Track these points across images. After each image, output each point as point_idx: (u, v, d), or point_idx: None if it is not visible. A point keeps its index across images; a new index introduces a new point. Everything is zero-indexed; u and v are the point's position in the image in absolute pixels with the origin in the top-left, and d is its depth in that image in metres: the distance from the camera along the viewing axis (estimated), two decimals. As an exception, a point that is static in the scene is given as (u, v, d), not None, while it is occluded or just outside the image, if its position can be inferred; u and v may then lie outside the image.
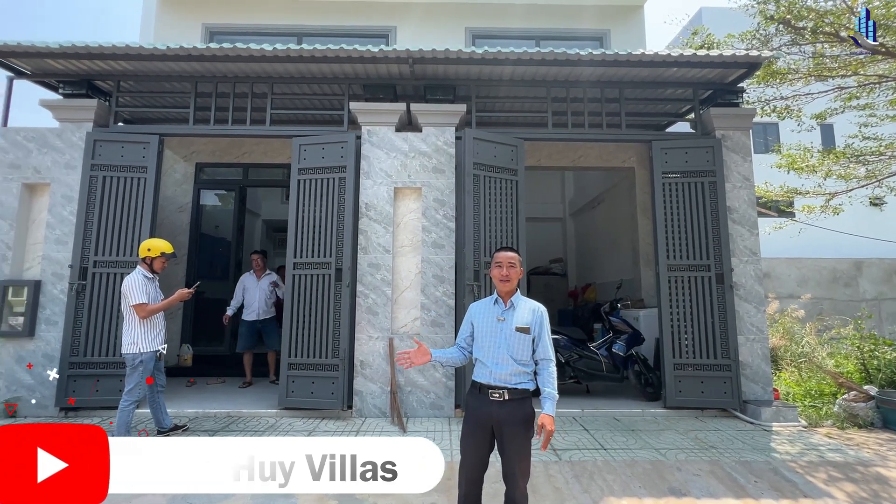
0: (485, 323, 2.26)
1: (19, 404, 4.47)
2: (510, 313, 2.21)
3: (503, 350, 2.16)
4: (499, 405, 2.11)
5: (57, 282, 4.62)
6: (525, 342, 2.15)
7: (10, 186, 4.69)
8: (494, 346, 2.18)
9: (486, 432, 2.15)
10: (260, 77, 5.03)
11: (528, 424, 2.12)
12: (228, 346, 6.61)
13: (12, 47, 4.42)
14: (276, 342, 5.59)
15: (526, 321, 2.17)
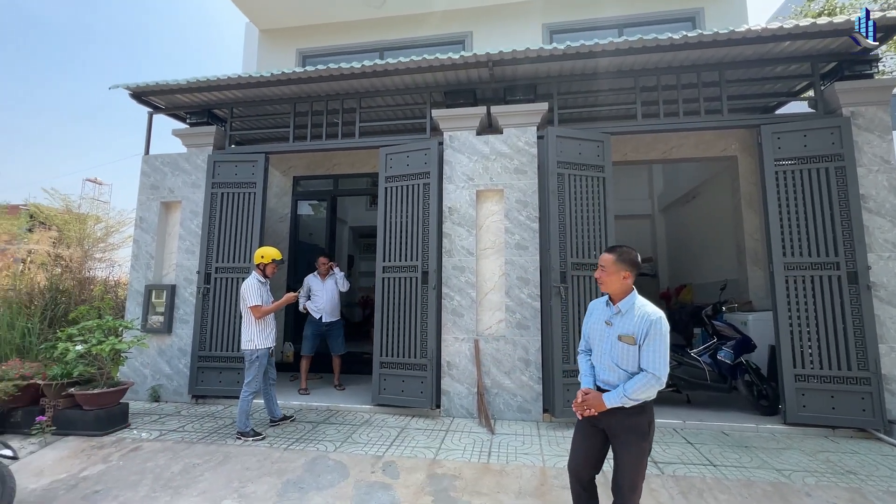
0: (595, 324, 2.19)
1: (161, 390, 5.23)
2: (618, 319, 2.08)
3: (607, 357, 2.08)
4: (608, 411, 2.04)
5: (187, 286, 5.33)
6: (630, 353, 2.01)
7: (152, 205, 5.52)
8: (601, 352, 2.12)
9: (598, 434, 2.11)
10: (349, 93, 5.38)
11: (640, 436, 1.99)
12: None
13: (151, 87, 5.21)
14: (340, 346, 5.81)
15: (631, 330, 2.01)
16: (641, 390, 1.94)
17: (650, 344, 1.96)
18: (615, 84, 5.09)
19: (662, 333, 1.96)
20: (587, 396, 2.09)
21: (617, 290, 2.11)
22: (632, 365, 2.01)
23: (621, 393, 1.96)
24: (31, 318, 5.81)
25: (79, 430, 4.05)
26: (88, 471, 3.50)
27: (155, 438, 4.00)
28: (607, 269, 2.11)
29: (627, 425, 2.00)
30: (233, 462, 3.55)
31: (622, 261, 2.09)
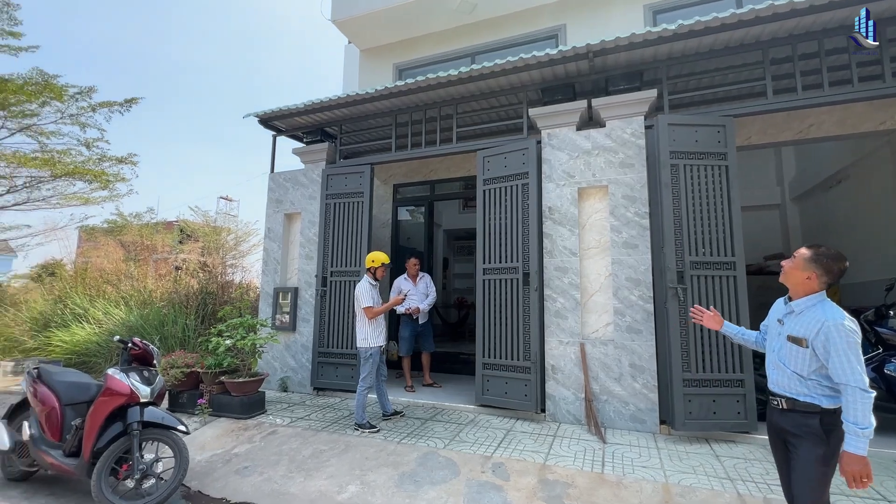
0: (771, 320, 2.11)
1: (288, 382, 5.86)
2: (791, 318, 1.97)
3: (775, 355, 2.00)
4: (779, 413, 1.98)
5: (308, 288, 5.92)
6: (800, 355, 1.87)
7: (277, 217, 6.24)
8: (770, 349, 2.05)
9: (780, 442, 2.02)
10: (445, 101, 5.53)
11: (813, 444, 1.84)
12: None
13: (275, 112, 5.89)
14: (431, 344, 5.99)
15: (802, 333, 1.88)
16: (860, 410, 1.72)
17: (833, 354, 1.78)
18: (736, 60, 4.55)
19: (846, 339, 1.77)
20: (854, 469, 1.72)
21: (795, 287, 1.98)
22: (802, 368, 1.89)
23: (852, 431, 1.72)
24: (188, 316, 6.92)
25: (228, 412, 4.71)
26: (238, 449, 4.05)
27: (287, 424, 4.49)
28: (795, 263, 1.99)
29: (800, 431, 1.88)
30: (353, 451, 3.85)
31: (814, 261, 1.93)
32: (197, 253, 11.80)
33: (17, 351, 7.56)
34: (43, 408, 3.33)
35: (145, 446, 3.26)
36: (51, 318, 7.67)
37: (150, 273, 9.38)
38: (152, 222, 15.88)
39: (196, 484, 3.47)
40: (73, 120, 10.93)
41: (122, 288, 8.39)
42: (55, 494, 3.28)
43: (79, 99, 10.72)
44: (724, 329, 2.36)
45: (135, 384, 3.19)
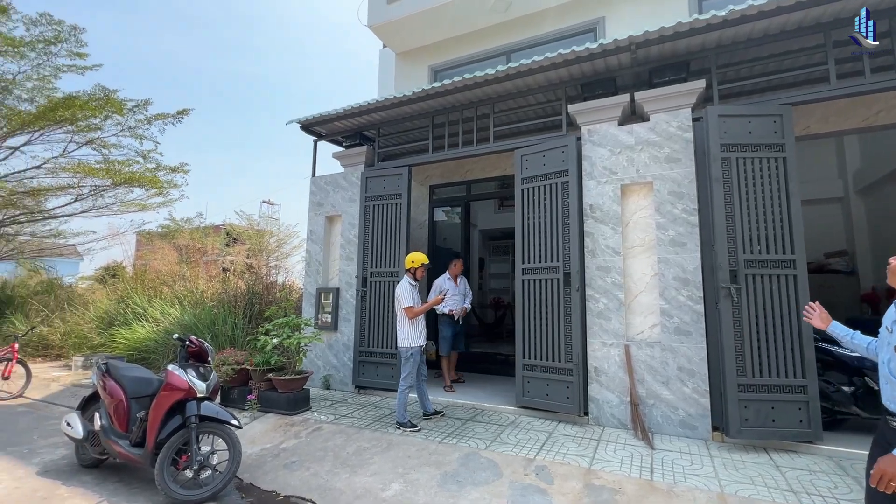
0: (883, 327, 1.85)
1: (330, 380, 6.02)
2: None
3: (885, 367, 1.74)
4: (893, 434, 1.69)
5: (348, 289, 6.06)
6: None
7: (318, 219, 6.43)
8: (880, 361, 1.79)
9: None
10: (482, 100, 5.51)
11: None
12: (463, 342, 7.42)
13: (316, 118, 6.07)
14: (463, 344, 6.16)
15: None
16: None
17: None
18: (793, 45, 4.27)
19: None
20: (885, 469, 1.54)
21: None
22: None
23: None
24: (237, 315, 7.25)
25: (276, 408, 4.89)
26: (285, 444, 4.20)
27: (331, 422, 4.61)
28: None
29: None
30: (395, 449, 3.90)
31: None
32: (243, 255, 12.35)
33: (86, 347, 8.18)
34: (111, 400, 3.58)
35: (202, 439, 3.43)
36: (115, 317, 8.25)
37: (202, 274, 9.89)
38: (202, 226, 16.78)
39: (248, 476, 3.62)
40: (132, 132, 11.70)
41: (177, 288, 8.89)
42: (123, 481, 3.51)
43: (136, 112, 11.46)
44: (830, 329, 2.18)
45: (192, 380, 3.37)
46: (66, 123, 10.66)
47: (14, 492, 3.27)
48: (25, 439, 4.47)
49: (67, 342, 8.69)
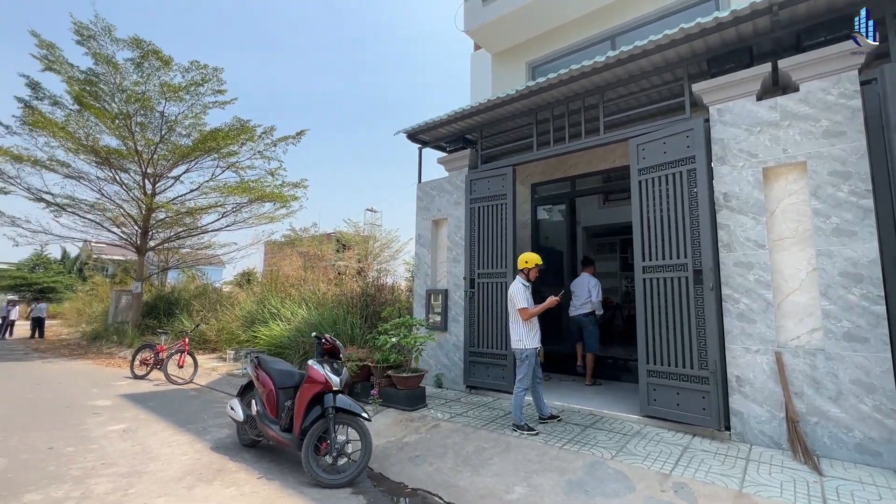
0: None
1: (443, 378, 6.20)
2: None
3: None
4: None
5: (456, 290, 6.19)
6: None
7: (426, 223, 6.68)
8: None
9: None
10: (589, 91, 5.24)
11: None
12: (565, 344, 7.14)
13: (420, 127, 6.31)
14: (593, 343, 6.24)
15: None
16: None
17: None
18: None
19: None
20: None
21: None
22: None
23: None
24: (354, 315, 7.85)
25: (395, 404, 5.17)
26: (407, 438, 4.41)
27: (448, 420, 4.74)
28: None
29: None
30: (515, 452, 3.86)
31: None
32: (354, 260, 13.40)
33: (235, 342, 9.53)
34: (263, 389, 4.09)
35: (338, 429, 3.76)
36: (255, 316, 9.48)
37: (322, 278, 10.92)
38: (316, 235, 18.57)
39: (377, 467, 3.87)
40: (261, 155, 13.40)
41: (302, 291, 9.93)
42: (275, 461, 3.99)
43: (264, 137, 13.10)
44: None
45: (328, 374, 3.71)
46: (213, 152, 12.58)
47: (196, 463, 3.91)
48: (199, 418, 5.33)
49: (221, 337, 10.21)
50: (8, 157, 11.11)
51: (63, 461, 3.85)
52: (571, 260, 7.59)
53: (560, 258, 7.94)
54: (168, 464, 3.85)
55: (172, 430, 4.82)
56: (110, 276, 25.79)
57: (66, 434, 4.59)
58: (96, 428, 4.84)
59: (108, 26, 11.17)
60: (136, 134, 11.90)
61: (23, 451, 4.06)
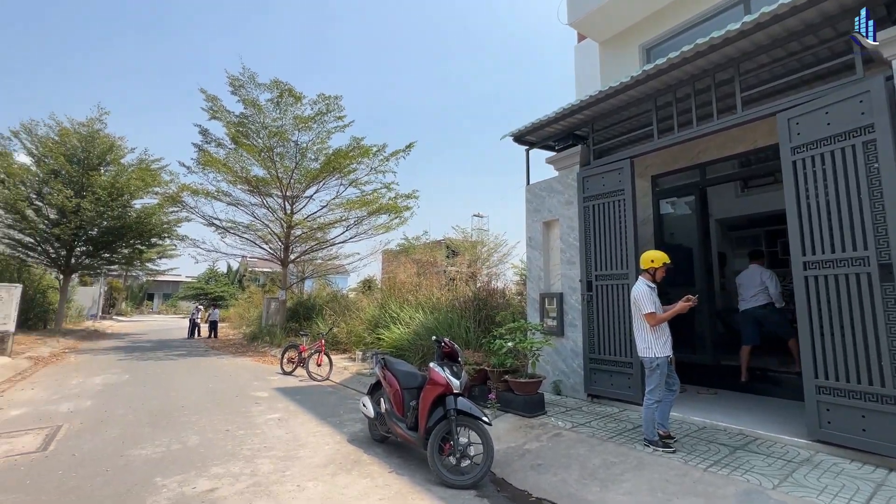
0: None
1: (561, 385, 5.97)
2: None
3: None
4: None
5: (572, 293, 5.93)
6: None
7: (536, 226, 6.54)
8: None
9: None
10: (719, 65, 4.62)
11: None
12: (711, 355, 6.32)
13: (527, 128, 6.21)
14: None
15: None
16: None
17: None
18: None
19: None
20: None
21: None
22: None
23: None
24: (468, 319, 8.01)
25: (513, 409, 5.13)
26: (528, 445, 4.33)
27: (570, 429, 4.54)
28: None
29: None
30: (649, 470, 3.53)
31: None
32: (464, 265, 13.73)
33: (362, 344, 10.43)
34: (390, 389, 4.38)
35: (459, 431, 3.85)
36: (378, 320, 10.26)
37: (434, 283, 11.39)
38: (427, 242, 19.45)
39: (499, 472, 3.86)
40: (376, 170, 14.53)
41: (418, 296, 10.47)
42: (403, 458, 4.24)
43: (378, 154, 14.19)
44: None
45: (449, 377, 3.83)
46: (336, 172, 14.00)
47: (336, 453, 4.34)
48: (336, 413, 5.92)
49: (350, 339, 11.26)
50: (189, 191, 13.81)
51: (236, 442, 4.59)
52: (704, 257, 6.73)
53: (689, 255, 7.10)
54: (314, 451, 4.35)
55: (316, 422, 5.43)
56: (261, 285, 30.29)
57: (237, 419, 5.48)
58: (258, 416, 5.68)
59: (252, 74, 13.22)
60: (276, 163, 13.83)
61: (209, 431, 4.95)
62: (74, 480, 3.56)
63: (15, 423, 5.20)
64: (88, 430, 4.92)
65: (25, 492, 3.35)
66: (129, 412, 5.75)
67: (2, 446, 4.37)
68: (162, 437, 4.68)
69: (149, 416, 5.58)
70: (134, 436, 4.74)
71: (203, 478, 3.64)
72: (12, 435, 4.73)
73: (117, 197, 16.11)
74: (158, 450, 4.30)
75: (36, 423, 5.16)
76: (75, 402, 6.29)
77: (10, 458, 4.07)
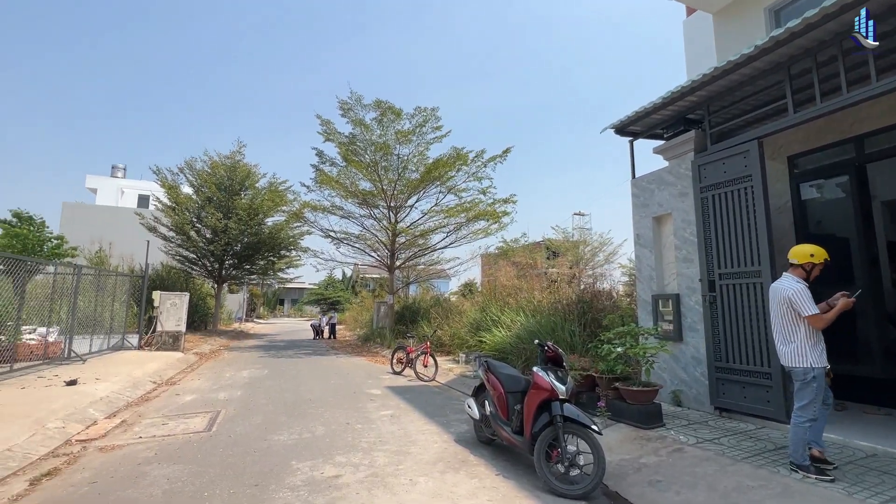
0: None
1: (681, 396, 5.42)
2: None
3: None
4: None
5: (691, 294, 5.36)
6: None
7: (645, 222, 6.05)
8: None
9: None
10: (877, 16, 3.82)
11: None
12: (880, 366, 5.20)
13: (630, 118, 5.80)
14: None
15: None
16: None
17: None
18: None
19: None
20: None
21: None
22: None
23: None
24: (571, 322, 7.71)
25: (625, 419, 4.80)
26: (645, 459, 4.01)
27: (694, 444, 4.10)
28: None
29: None
30: (797, 499, 3.03)
31: None
32: (566, 266, 13.24)
33: (465, 346, 10.66)
34: (494, 392, 4.41)
35: (567, 439, 3.72)
36: (479, 323, 10.39)
37: (535, 286, 11.17)
38: (526, 244, 19.14)
39: (612, 484, 3.64)
40: (474, 176, 14.78)
41: (519, 299, 10.36)
42: (509, 461, 4.23)
43: (476, 160, 14.42)
44: None
45: (554, 382, 3.73)
46: (435, 181, 14.56)
47: (444, 451, 4.50)
48: (442, 413, 6.13)
49: (453, 342, 11.57)
50: (309, 207, 15.54)
51: (355, 434, 5.02)
52: (866, 247, 5.58)
53: (844, 247, 5.92)
54: (424, 449, 4.56)
55: (424, 421, 5.68)
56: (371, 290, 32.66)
57: (355, 414, 5.98)
58: (373, 412, 6.14)
59: (359, 97, 14.41)
60: (381, 176, 14.86)
61: (332, 423, 5.49)
62: (231, 458, 4.22)
63: (188, 406, 6.34)
64: (240, 416, 5.79)
65: (198, 463, 4.07)
66: (269, 403, 6.63)
67: (180, 425, 5.36)
68: (295, 426, 5.32)
69: (284, 406, 6.38)
70: (273, 423, 5.46)
71: (329, 465, 4.05)
72: (187, 416, 5.77)
73: (254, 216, 18.74)
74: (293, 437, 4.89)
75: (202, 408, 6.22)
76: (229, 391, 7.45)
77: (186, 434, 4.98)
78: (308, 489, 3.51)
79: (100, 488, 3.53)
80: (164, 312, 11.93)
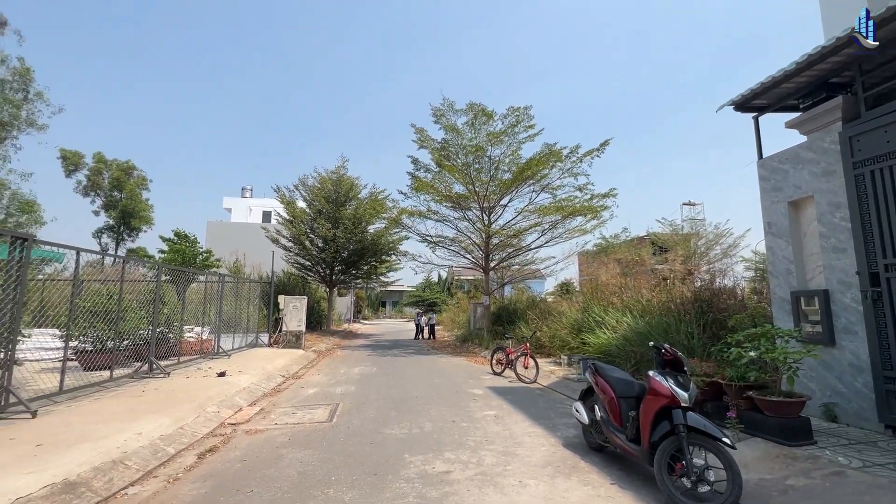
0: None
1: (836, 410, 4.60)
2: None
3: None
4: None
5: (844, 290, 4.53)
6: None
7: (778, 207, 5.27)
8: None
9: None
10: None
11: None
12: None
13: (754, 90, 5.10)
14: None
15: None
16: None
17: None
18: None
19: None
20: None
21: None
22: None
23: None
24: (689, 323, 7.00)
25: (762, 433, 4.21)
26: (792, 481, 3.48)
27: (859, 469, 3.45)
28: None
29: None
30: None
31: None
32: (677, 262, 12.04)
33: (567, 348, 10.28)
34: (604, 396, 4.18)
35: (692, 451, 3.38)
36: (581, 324, 9.95)
37: (643, 284, 10.36)
38: (628, 239, 17.84)
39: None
40: (569, 173, 14.23)
41: (624, 298, 9.70)
42: (624, 470, 3.97)
43: (570, 156, 13.88)
44: None
45: (674, 388, 3.42)
46: (529, 180, 14.32)
47: (552, 455, 4.38)
48: (547, 416, 5.98)
49: (553, 343, 11.24)
50: (406, 213, 16.31)
51: (461, 432, 5.13)
52: None
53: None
54: (531, 451, 4.49)
55: (529, 423, 5.60)
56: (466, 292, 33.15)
57: (459, 413, 6.12)
58: (477, 411, 6.21)
59: (451, 102, 14.77)
60: (474, 178, 15.04)
61: (438, 420, 5.68)
62: (351, 447, 4.60)
63: (312, 399, 7.05)
64: (355, 409, 6.28)
65: (324, 450, 4.51)
66: (380, 398, 7.09)
67: (307, 415, 5.99)
68: (404, 421, 5.61)
69: (392, 402, 6.77)
70: (385, 417, 5.82)
71: (439, 460, 4.20)
72: (312, 407, 6.43)
73: (358, 224, 20.24)
74: (403, 431, 5.17)
75: (323, 401, 6.88)
76: (344, 386, 8.13)
77: (312, 423, 5.54)
78: (421, 482, 3.67)
79: (249, 466, 4.09)
80: (287, 314, 13.45)
